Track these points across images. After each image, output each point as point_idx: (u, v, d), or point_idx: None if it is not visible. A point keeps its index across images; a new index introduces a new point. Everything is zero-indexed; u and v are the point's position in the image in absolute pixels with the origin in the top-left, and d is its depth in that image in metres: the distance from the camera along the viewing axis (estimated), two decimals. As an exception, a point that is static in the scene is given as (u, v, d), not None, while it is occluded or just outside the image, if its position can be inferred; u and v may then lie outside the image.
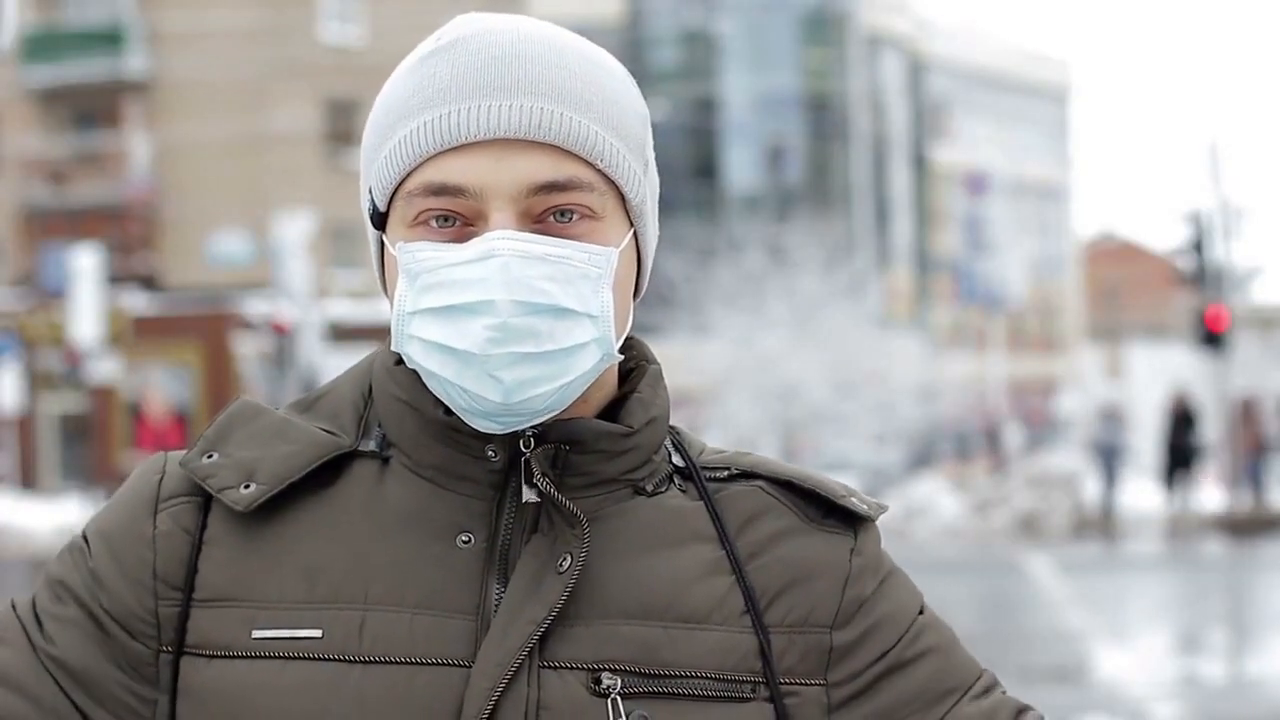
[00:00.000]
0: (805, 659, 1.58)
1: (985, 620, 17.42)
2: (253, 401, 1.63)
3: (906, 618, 1.63)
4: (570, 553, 1.52)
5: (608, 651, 1.52)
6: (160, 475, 1.60)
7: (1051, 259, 68.64)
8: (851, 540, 1.62)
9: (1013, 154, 64.70)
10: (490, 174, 1.50)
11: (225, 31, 40.86)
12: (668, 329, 38.11)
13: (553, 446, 1.55)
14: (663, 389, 1.63)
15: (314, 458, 1.57)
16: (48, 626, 1.57)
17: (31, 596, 1.60)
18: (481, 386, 1.49)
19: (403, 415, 1.58)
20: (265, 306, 32.49)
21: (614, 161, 1.54)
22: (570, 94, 1.52)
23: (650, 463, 1.61)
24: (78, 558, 1.59)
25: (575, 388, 1.53)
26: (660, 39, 57.24)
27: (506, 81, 1.51)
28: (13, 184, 42.88)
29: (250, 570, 1.55)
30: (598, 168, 1.53)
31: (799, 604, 1.58)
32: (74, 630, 1.56)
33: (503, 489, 1.56)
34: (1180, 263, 30.00)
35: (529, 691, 1.49)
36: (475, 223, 1.51)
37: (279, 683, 1.51)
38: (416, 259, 1.51)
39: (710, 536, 1.59)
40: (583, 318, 1.51)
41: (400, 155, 1.53)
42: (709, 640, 1.54)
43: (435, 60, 1.54)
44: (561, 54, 1.54)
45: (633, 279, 1.59)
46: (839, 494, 1.63)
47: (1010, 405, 51.51)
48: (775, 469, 1.64)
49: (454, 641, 1.51)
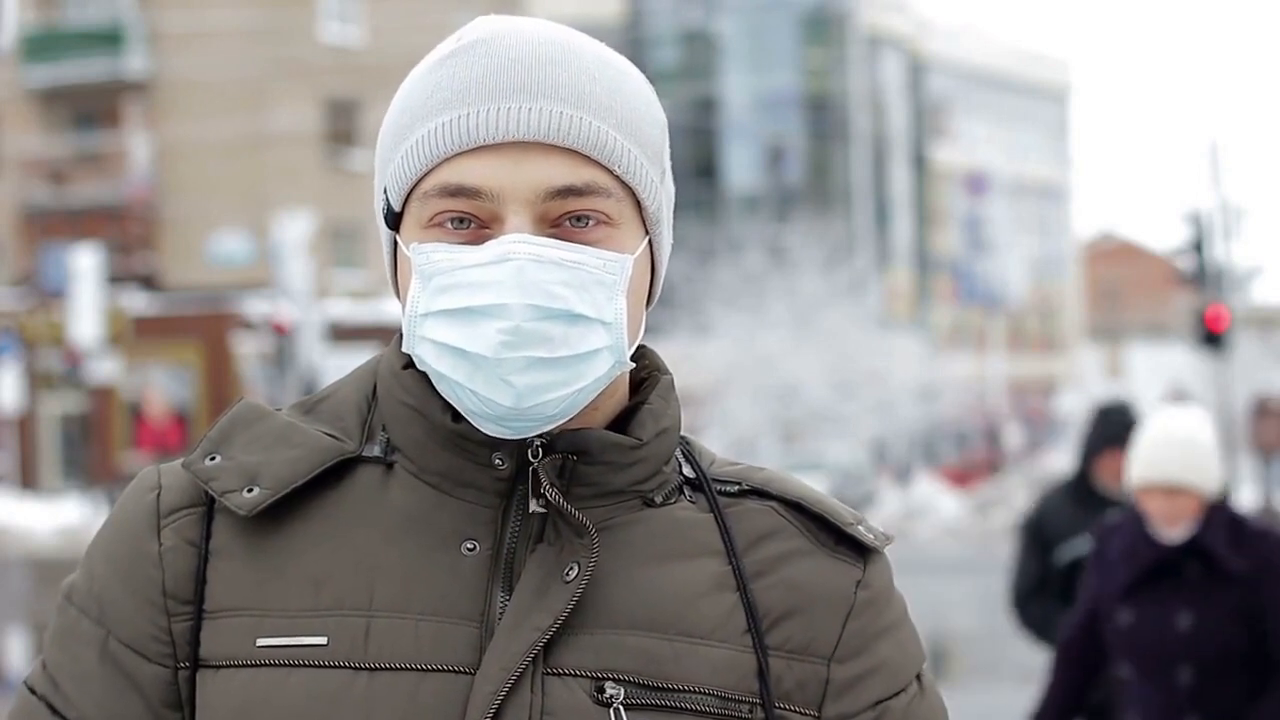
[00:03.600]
0: (803, 688, 1.56)
1: (985, 620, 17.41)
2: (256, 403, 1.62)
3: (906, 674, 1.61)
4: (578, 562, 1.51)
5: (612, 661, 1.51)
6: (157, 491, 1.58)
7: (1051, 259, 68.64)
8: (859, 572, 1.60)
9: (1013, 154, 64.70)
10: (508, 177, 1.49)
11: (225, 31, 40.84)
12: (668, 329, 38.12)
13: (560, 456, 1.53)
14: (675, 400, 1.62)
15: (318, 463, 1.55)
16: (66, 688, 1.55)
17: (41, 662, 1.58)
18: (493, 390, 1.48)
19: (409, 420, 1.57)
20: (265, 306, 32.49)
21: (632, 168, 1.53)
22: (591, 99, 1.51)
23: (660, 474, 1.59)
24: (79, 597, 1.57)
25: (587, 394, 1.51)
26: (660, 39, 57.25)
27: (527, 84, 1.50)
28: (13, 184, 42.86)
29: (254, 578, 1.53)
30: (615, 174, 1.52)
31: (801, 630, 1.56)
32: (93, 681, 1.54)
33: (509, 497, 1.55)
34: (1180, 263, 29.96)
35: (532, 698, 1.48)
36: (491, 225, 1.50)
37: (285, 691, 1.50)
38: (431, 260, 1.50)
39: (718, 551, 1.57)
40: (596, 324, 1.49)
41: (418, 155, 1.52)
42: (712, 657, 1.53)
43: (455, 61, 1.53)
44: (582, 58, 1.53)
45: (646, 287, 1.58)
46: (847, 521, 1.61)
47: (1010, 405, 51.55)
48: (786, 489, 1.62)
49: (459, 648, 1.50)
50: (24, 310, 38.34)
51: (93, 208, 42.12)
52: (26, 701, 1.57)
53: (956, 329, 59.55)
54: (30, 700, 1.57)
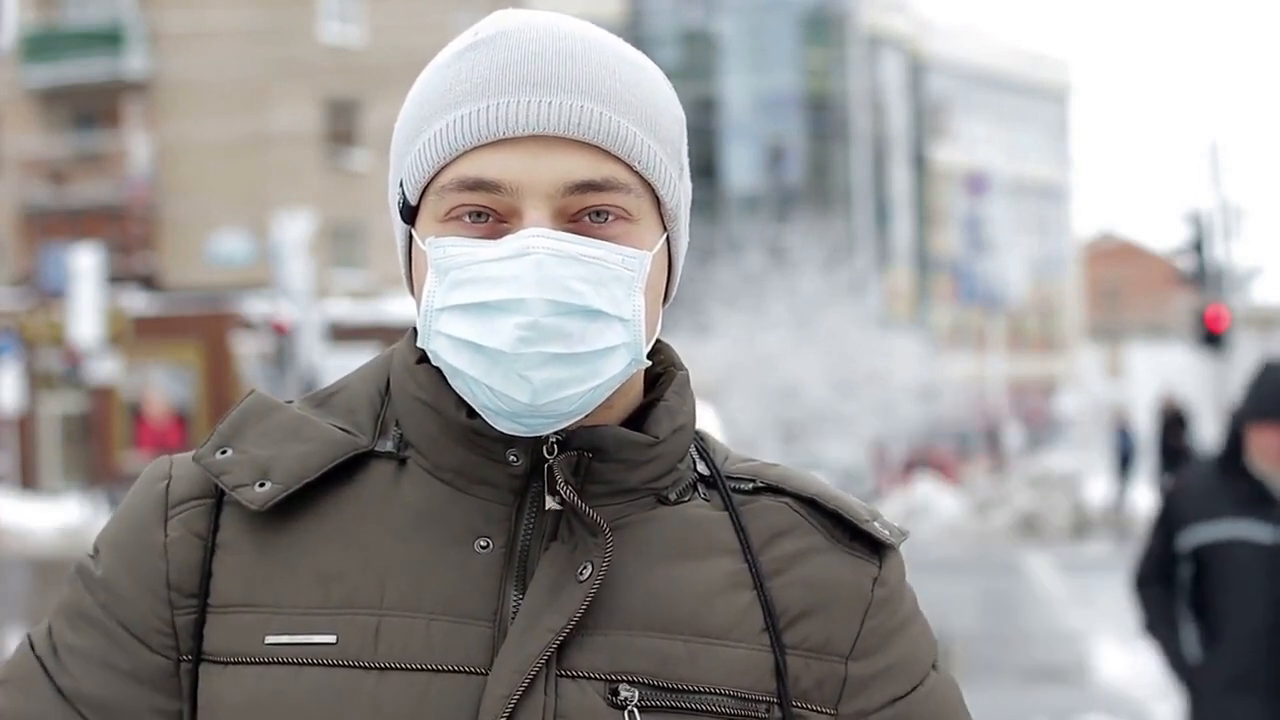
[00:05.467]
0: (820, 686, 1.55)
1: (985, 620, 17.42)
2: (267, 397, 1.60)
3: (921, 668, 1.60)
4: (592, 561, 1.50)
5: (626, 663, 1.49)
6: (167, 480, 1.57)
7: (1051, 259, 68.63)
8: (875, 569, 1.59)
9: (1013, 154, 64.69)
10: (527, 171, 1.47)
11: (225, 31, 40.83)
12: (668, 329, 37.80)
13: (575, 454, 1.52)
14: (690, 395, 1.61)
15: (330, 458, 1.54)
16: (65, 659, 1.54)
17: (47, 625, 1.57)
18: (509, 386, 1.47)
19: (422, 416, 1.55)
20: (265, 306, 32.48)
21: (651, 164, 1.51)
22: (611, 94, 1.50)
23: (675, 471, 1.58)
24: (88, 578, 1.56)
25: (603, 391, 1.50)
26: (660, 39, 57.24)
27: (547, 78, 1.49)
28: (13, 184, 42.85)
29: (263, 574, 1.52)
30: (635, 169, 1.50)
31: (818, 628, 1.55)
32: (93, 659, 1.53)
33: (523, 494, 1.53)
34: (1180, 263, 29.94)
35: (546, 700, 1.46)
36: (509, 220, 1.49)
37: (293, 690, 1.48)
38: (448, 254, 1.48)
39: (733, 549, 1.56)
40: (614, 320, 1.48)
41: (436, 148, 1.50)
42: (728, 657, 1.51)
43: (475, 54, 1.52)
44: (603, 53, 1.52)
45: (663, 284, 1.57)
46: (862, 518, 1.59)
47: (1010, 405, 51.55)
48: (801, 485, 1.60)
49: (471, 648, 1.48)
50: (24, 310, 38.32)
51: (93, 208, 42.11)
52: (25, 657, 1.56)
53: (956, 329, 59.54)
54: (29, 657, 1.56)
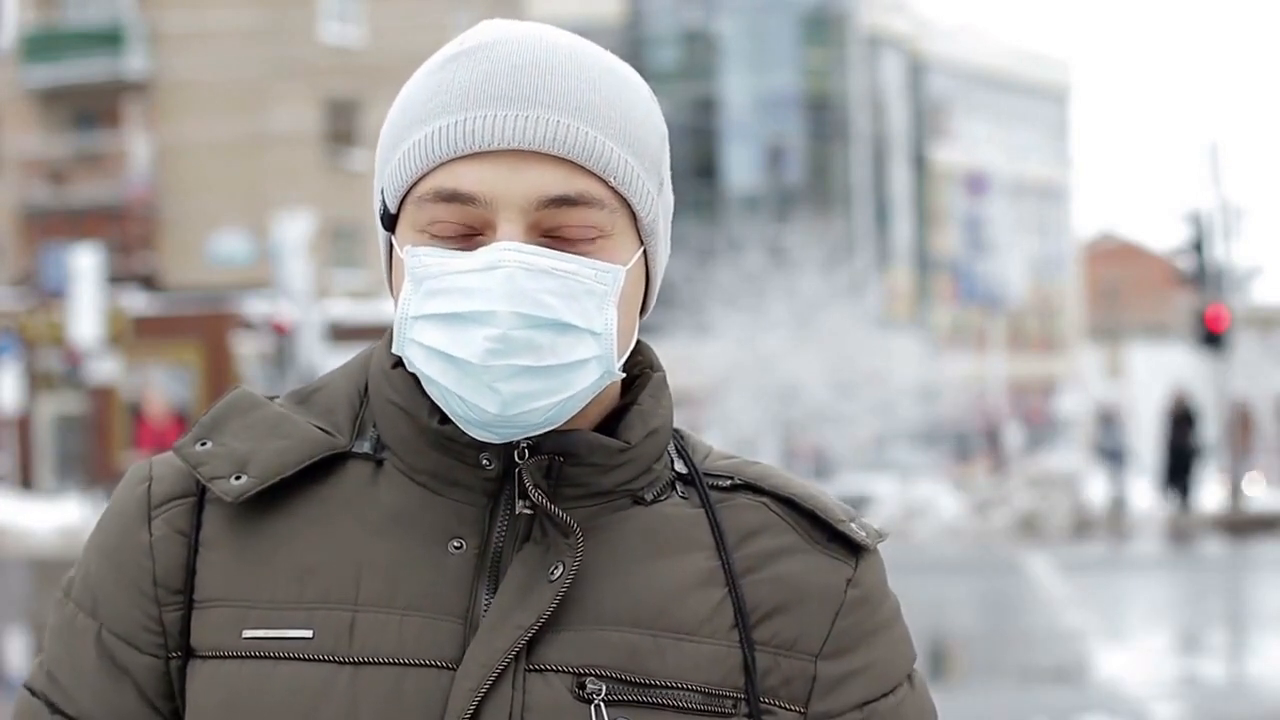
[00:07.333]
0: (789, 683, 1.55)
1: (985, 620, 17.43)
2: (251, 392, 1.62)
3: (895, 676, 1.60)
4: (563, 561, 1.51)
5: (594, 657, 1.50)
6: (148, 483, 1.59)
7: (1051, 259, 68.66)
8: (850, 570, 1.59)
9: (1013, 154, 64.72)
10: (502, 184, 1.49)
11: (225, 31, 40.86)
12: (668, 329, 38.12)
13: (546, 458, 1.53)
14: (666, 397, 1.61)
15: (307, 455, 1.56)
16: (64, 683, 1.56)
17: (39, 661, 1.59)
18: (479, 397, 1.48)
19: (397, 419, 1.57)
20: (265, 306, 32.51)
21: (627, 179, 1.52)
22: (589, 108, 1.51)
23: (650, 472, 1.59)
24: (75, 594, 1.58)
25: (575, 403, 1.51)
26: (660, 39, 57.27)
27: (525, 92, 1.50)
28: (13, 184, 42.88)
29: (241, 569, 1.54)
30: (610, 185, 1.51)
31: (788, 625, 1.56)
32: (89, 678, 1.55)
33: (496, 497, 1.55)
34: (1180, 263, 29.98)
35: (513, 694, 1.48)
36: (484, 232, 1.50)
37: (269, 683, 1.50)
38: (423, 264, 1.50)
39: (707, 545, 1.57)
40: (585, 334, 1.49)
41: (414, 158, 1.52)
42: (697, 652, 1.52)
43: (456, 65, 1.53)
44: (584, 67, 1.53)
45: (639, 297, 1.57)
46: (838, 519, 1.60)
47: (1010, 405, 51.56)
48: (779, 484, 1.61)
49: (443, 644, 1.50)
50: (24, 310, 38.36)
51: (93, 208, 42.15)
52: (27, 704, 1.58)
53: (956, 329, 59.57)
54: (31, 702, 1.58)
